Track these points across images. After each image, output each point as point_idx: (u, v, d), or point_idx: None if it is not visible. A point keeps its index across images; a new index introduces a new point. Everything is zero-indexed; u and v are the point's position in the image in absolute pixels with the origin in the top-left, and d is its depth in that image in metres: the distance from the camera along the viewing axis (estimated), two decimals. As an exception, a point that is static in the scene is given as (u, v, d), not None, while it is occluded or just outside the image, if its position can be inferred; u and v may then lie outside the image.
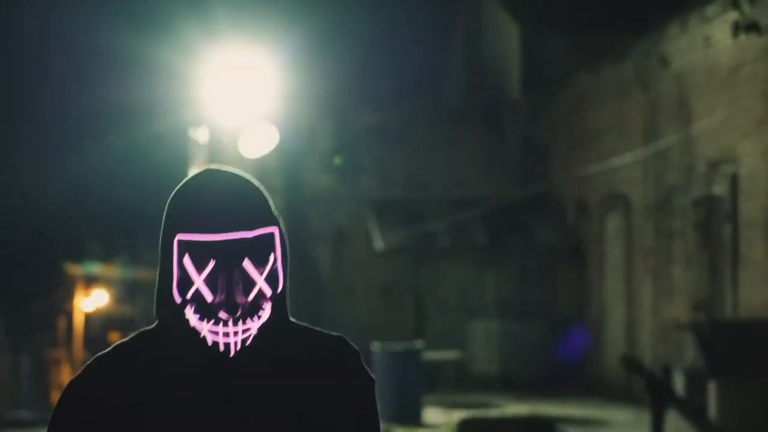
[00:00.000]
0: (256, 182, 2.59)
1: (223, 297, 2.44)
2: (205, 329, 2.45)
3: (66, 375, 40.26)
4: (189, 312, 2.46)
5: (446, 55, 31.13)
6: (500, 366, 22.94)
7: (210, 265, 2.44)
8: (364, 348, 14.81)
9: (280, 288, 2.52)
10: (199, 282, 2.46)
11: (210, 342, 2.45)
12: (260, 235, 2.48)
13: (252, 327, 2.46)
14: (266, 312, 2.48)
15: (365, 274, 24.60)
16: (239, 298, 2.45)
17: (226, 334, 2.43)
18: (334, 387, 2.53)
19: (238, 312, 2.44)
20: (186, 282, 2.47)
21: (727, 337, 15.26)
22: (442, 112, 26.30)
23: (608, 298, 21.44)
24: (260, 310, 2.47)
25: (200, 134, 23.66)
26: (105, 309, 42.67)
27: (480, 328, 23.57)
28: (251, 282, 2.46)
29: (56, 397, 19.76)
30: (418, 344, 18.33)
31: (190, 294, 2.47)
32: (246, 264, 2.45)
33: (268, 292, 2.49)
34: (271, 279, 2.50)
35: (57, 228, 35.30)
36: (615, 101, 21.15)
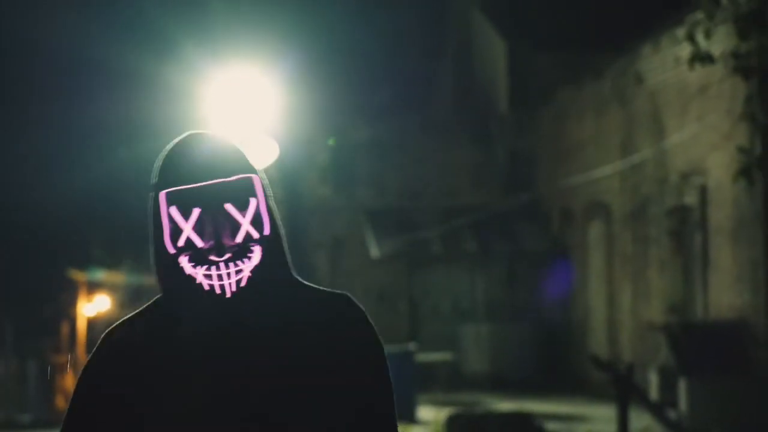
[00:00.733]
0: (233, 140, 2.62)
1: (212, 241, 2.50)
2: (200, 274, 2.49)
3: (69, 379, 38.99)
4: (183, 261, 2.51)
5: (438, 72, 31.44)
6: (490, 366, 23.54)
7: (195, 212, 2.50)
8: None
9: (267, 230, 2.56)
10: (188, 229, 2.51)
11: (206, 286, 2.49)
12: (239, 180, 2.53)
13: (244, 268, 2.51)
14: (256, 254, 2.53)
15: (362, 280, 24.96)
16: (227, 241, 2.50)
17: (220, 276, 2.48)
18: (342, 346, 2.56)
19: (228, 254, 2.49)
20: (176, 233, 2.52)
21: (696, 338, 16.38)
22: (434, 126, 26.73)
23: (591, 301, 22.42)
24: (250, 252, 2.52)
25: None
26: (109, 314, 42.90)
27: (471, 331, 24.17)
28: (237, 225, 2.52)
29: (61, 402, 20.56)
30: (412, 346, 18.94)
31: (182, 242, 2.51)
32: (228, 207, 2.51)
33: (255, 234, 2.53)
34: (257, 222, 2.55)
35: (65, 236, 35.80)
36: (595, 116, 22.12)
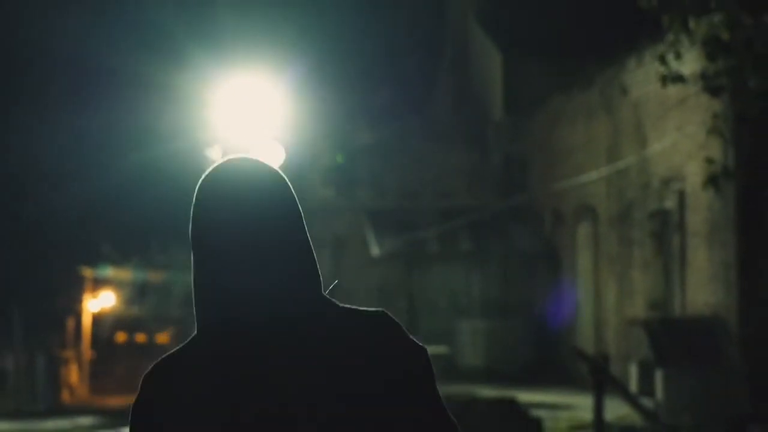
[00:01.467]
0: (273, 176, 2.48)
1: None
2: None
3: (74, 374, 39.97)
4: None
5: (436, 79, 32.06)
6: (485, 360, 24.33)
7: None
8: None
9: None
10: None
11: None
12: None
13: None
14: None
15: (362, 278, 25.46)
16: None
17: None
18: (388, 371, 2.38)
19: None
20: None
21: (673, 333, 17.60)
22: (432, 130, 27.46)
23: (580, 299, 23.44)
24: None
25: (214, 152, 25.20)
26: (115, 310, 41.87)
27: (467, 326, 24.89)
28: None
29: (66, 396, 21.81)
30: (411, 340, 20.10)
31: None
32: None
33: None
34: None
35: (76, 235, 36.60)
36: (584, 123, 23.19)
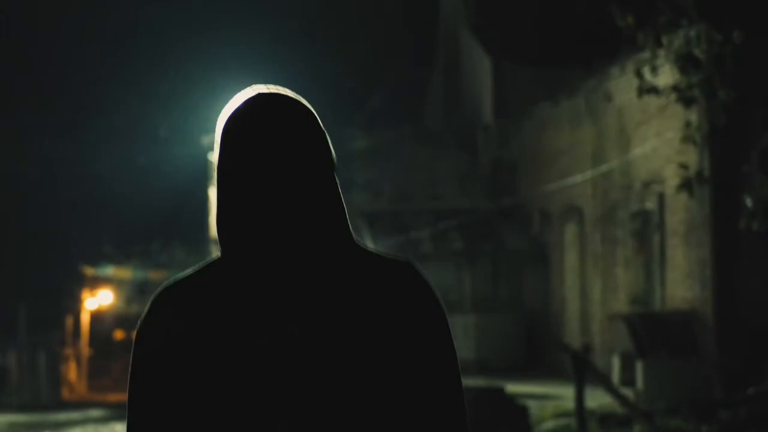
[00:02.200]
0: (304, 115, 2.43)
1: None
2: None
3: (72, 371, 40.11)
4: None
5: (428, 85, 32.72)
6: (476, 354, 25.07)
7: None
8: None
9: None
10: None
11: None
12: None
13: None
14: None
15: None
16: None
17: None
18: (405, 322, 2.33)
19: None
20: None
21: (652, 326, 18.68)
22: (425, 135, 28.25)
23: (566, 295, 24.43)
24: None
25: (214, 156, 25.99)
26: (115, 308, 41.62)
27: (459, 321, 25.29)
28: None
29: (67, 392, 22.63)
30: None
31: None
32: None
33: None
34: None
35: (80, 235, 37.29)
36: (570, 128, 24.14)
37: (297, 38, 30.00)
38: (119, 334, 42.03)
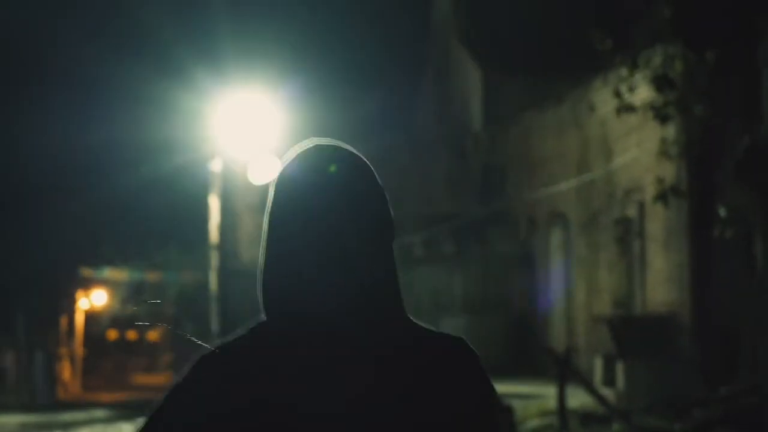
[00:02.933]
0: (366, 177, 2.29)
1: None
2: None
3: (66, 370, 40.35)
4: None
5: (420, 94, 33.27)
6: None
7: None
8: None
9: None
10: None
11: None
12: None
13: None
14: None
15: None
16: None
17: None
18: (456, 401, 2.27)
19: None
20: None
21: (632, 328, 19.40)
22: (416, 142, 28.92)
23: (553, 298, 24.98)
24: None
25: (214, 165, 26.48)
26: (110, 309, 42.30)
27: (449, 323, 25.77)
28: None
29: (62, 392, 23.19)
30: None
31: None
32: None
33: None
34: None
35: (79, 239, 37.77)
36: (556, 137, 24.77)
37: (290, 46, 30.59)
38: (112, 334, 43.09)
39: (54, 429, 20.28)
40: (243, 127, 24.90)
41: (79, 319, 41.87)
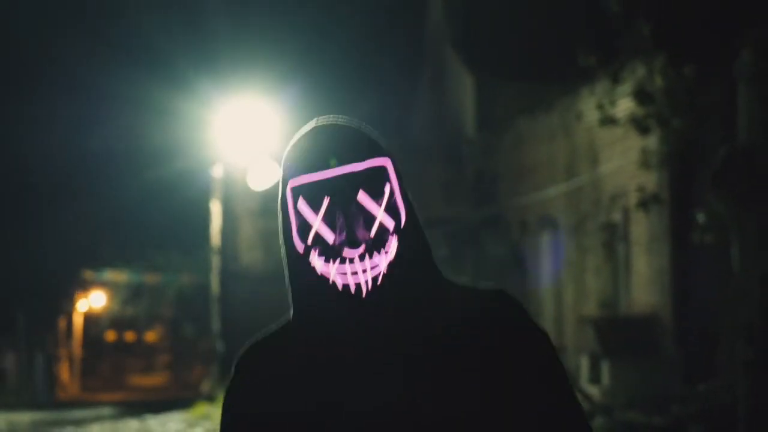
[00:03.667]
0: (364, 124, 2.33)
1: (344, 234, 2.19)
2: (333, 271, 2.19)
3: (65, 371, 40.90)
4: (314, 258, 2.21)
5: (414, 100, 33.70)
6: None
7: (325, 203, 2.21)
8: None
9: (404, 220, 2.24)
10: (318, 223, 2.21)
11: (340, 285, 2.18)
12: (372, 168, 2.23)
13: (380, 263, 2.19)
14: (392, 245, 2.21)
15: None
16: (361, 234, 2.20)
17: (354, 273, 2.18)
18: (504, 351, 2.22)
19: (362, 247, 2.18)
20: (305, 227, 2.23)
21: (616, 329, 20.13)
22: (412, 147, 29.24)
23: (542, 299, 25.66)
24: (386, 244, 2.20)
25: (215, 171, 27.10)
26: (109, 310, 42.65)
27: None
28: (371, 216, 2.21)
29: (61, 393, 23.73)
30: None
31: (311, 239, 2.21)
32: (361, 197, 2.21)
33: (391, 225, 2.22)
34: (392, 212, 2.23)
35: (80, 242, 38.35)
36: (546, 144, 25.28)
37: (287, 54, 31.13)
38: (111, 336, 42.79)
39: (65, 426, 20.83)
40: (243, 133, 25.35)
41: (78, 321, 42.17)
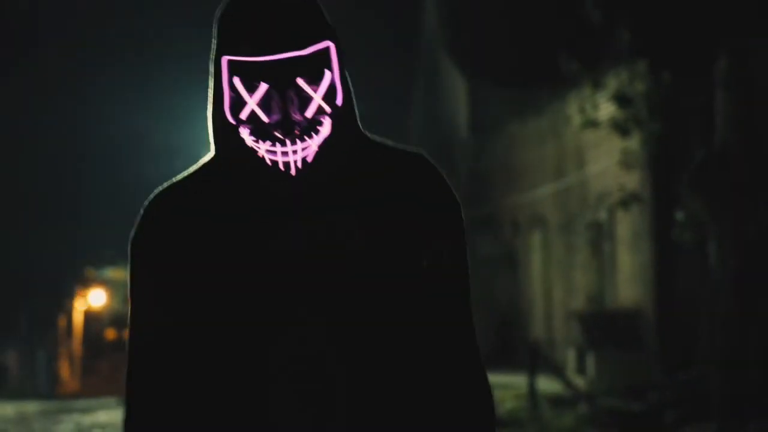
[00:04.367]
0: None
1: (279, 116, 2.15)
2: (263, 149, 2.16)
3: (65, 369, 40.79)
4: (244, 133, 2.18)
5: (410, 103, 34.49)
6: None
7: (262, 87, 2.15)
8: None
9: (340, 101, 2.19)
10: (253, 103, 2.16)
11: (269, 162, 2.16)
12: (315, 52, 2.17)
13: (311, 143, 2.16)
14: (326, 127, 2.18)
15: None
16: (295, 116, 2.16)
17: (285, 153, 2.15)
18: (415, 209, 2.25)
19: (296, 129, 2.15)
20: (238, 104, 2.18)
21: (601, 322, 21.12)
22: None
23: (533, 295, 26.63)
24: (319, 126, 2.17)
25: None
26: (112, 308, 40.60)
27: None
28: (307, 98, 2.17)
29: (62, 390, 24.27)
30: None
31: (244, 115, 2.17)
32: (300, 81, 2.15)
33: (327, 108, 2.18)
34: (330, 95, 2.19)
35: (82, 240, 39.21)
36: (536, 145, 26.14)
37: None
38: (110, 334, 42.08)
39: (72, 413, 21.65)
40: None
41: (78, 319, 41.75)
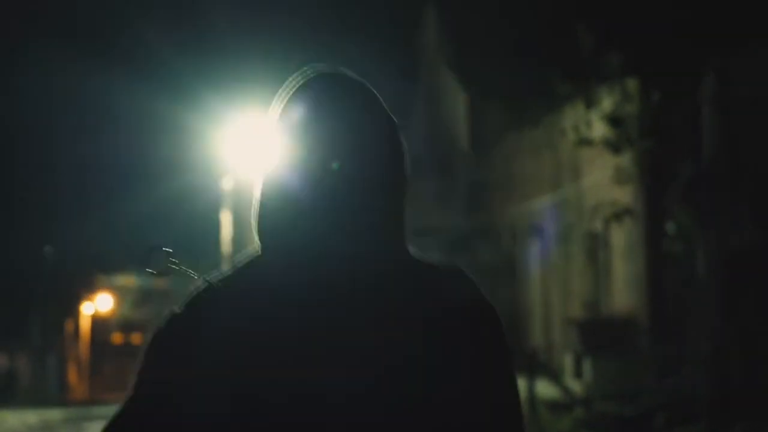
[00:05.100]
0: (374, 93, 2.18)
1: None
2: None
3: (73, 373, 41.96)
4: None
5: (411, 114, 34.54)
6: None
7: None
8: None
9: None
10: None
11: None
12: None
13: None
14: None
15: None
16: None
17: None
18: (457, 325, 2.14)
19: None
20: None
21: (597, 328, 21.89)
22: (408, 160, 30.94)
23: (531, 302, 27.26)
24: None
25: (225, 183, 28.62)
26: (119, 314, 43.50)
27: None
28: None
29: (71, 394, 24.74)
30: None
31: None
32: None
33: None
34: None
35: (95, 249, 39.84)
36: (533, 157, 26.72)
37: (290, 65, 32.61)
38: (117, 338, 43.31)
39: (94, 420, 22.32)
40: (251, 146, 26.45)
41: (85, 324, 42.90)
